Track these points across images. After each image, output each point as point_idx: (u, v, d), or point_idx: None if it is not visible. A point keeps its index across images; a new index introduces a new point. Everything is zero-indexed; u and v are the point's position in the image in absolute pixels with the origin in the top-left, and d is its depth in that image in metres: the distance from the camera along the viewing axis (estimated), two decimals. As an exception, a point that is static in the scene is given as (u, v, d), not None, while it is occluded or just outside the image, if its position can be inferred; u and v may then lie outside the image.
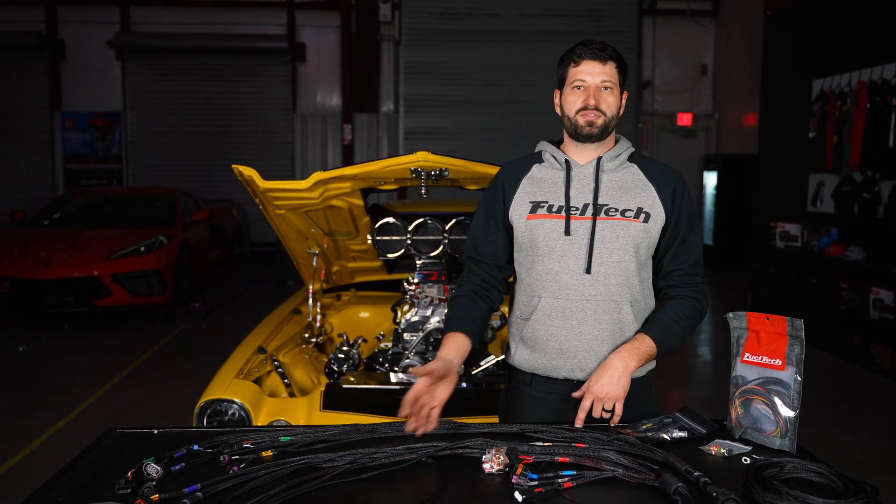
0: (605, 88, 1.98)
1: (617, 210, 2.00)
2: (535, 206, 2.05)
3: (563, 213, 2.01)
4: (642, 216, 1.99)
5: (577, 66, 1.99)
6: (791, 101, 7.91)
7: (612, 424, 1.90)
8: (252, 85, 12.69)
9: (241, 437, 1.77)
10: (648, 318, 2.05)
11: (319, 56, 12.77)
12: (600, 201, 2.01)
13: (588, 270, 1.98)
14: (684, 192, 2.05)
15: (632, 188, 2.02)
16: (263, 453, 1.72)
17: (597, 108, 1.97)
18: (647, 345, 1.95)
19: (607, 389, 1.88)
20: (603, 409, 1.89)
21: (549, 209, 2.02)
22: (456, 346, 1.99)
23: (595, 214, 1.99)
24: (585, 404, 1.89)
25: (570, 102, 2.01)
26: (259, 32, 12.52)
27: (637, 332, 1.99)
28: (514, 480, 1.54)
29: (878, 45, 6.57)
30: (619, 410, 1.90)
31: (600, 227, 1.98)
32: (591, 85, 1.98)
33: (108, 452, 1.78)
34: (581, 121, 1.99)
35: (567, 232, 1.99)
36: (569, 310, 2.00)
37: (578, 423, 1.88)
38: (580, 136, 2.02)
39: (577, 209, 2.01)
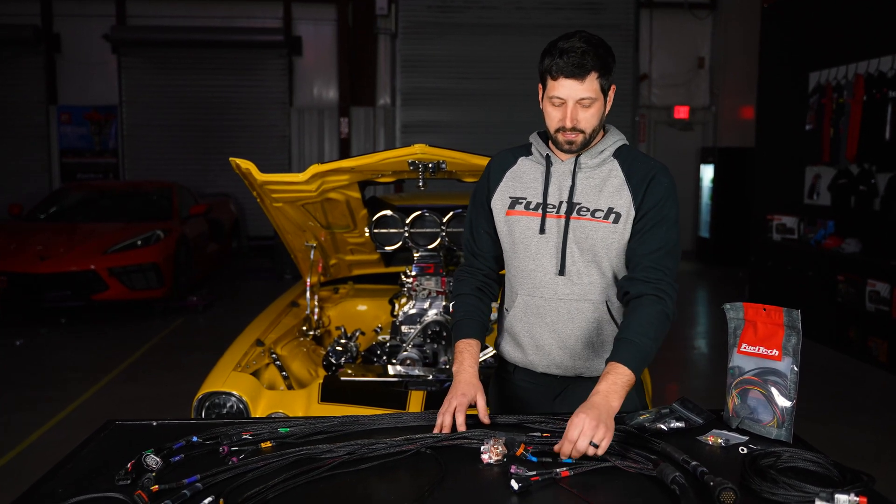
0: (585, 105, 1.88)
1: (588, 210, 1.95)
2: (514, 202, 2.03)
3: (540, 211, 1.99)
4: (612, 217, 1.93)
5: (554, 80, 1.87)
6: (788, 93, 7.91)
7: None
8: (249, 78, 12.65)
9: (241, 428, 1.78)
10: (616, 338, 1.86)
11: (316, 49, 12.73)
12: (575, 200, 1.97)
13: (561, 271, 1.97)
14: (659, 184, 1.93)
15: (607, 187, 1.95)
16: (262, 444, 1.72)
17: (574, 129, 1.90)
18: (624, 377, 1.77)
19: (590, 437, 1.64)
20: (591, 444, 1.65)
21: (527, 206, 2.01)
22: (474, 357, 2.01)
23: (568, 213, 1.96)
24: (566, 450, 1.65)
25: (549, 114, 1.93)
26: (255, 26, 12.47)
27: (608, 361, 1.81)
28: (512, 470, 1.54)
29: (874, 37, 6.57)
30: (604, 447, 1.65)
31: (572, 227, 1.95)
32: (569, 103, 1.88)
33: (108, 444, 1.78)
34: (560, 138, 1.93)
35: (542, 230, 1.98)
36: (543, 308, 2.00)
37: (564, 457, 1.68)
38: (561, 150, 1.98)
39: (553, 207, 1.98)
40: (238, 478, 1.54)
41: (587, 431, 1.63)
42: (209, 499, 1.43)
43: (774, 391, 1.77)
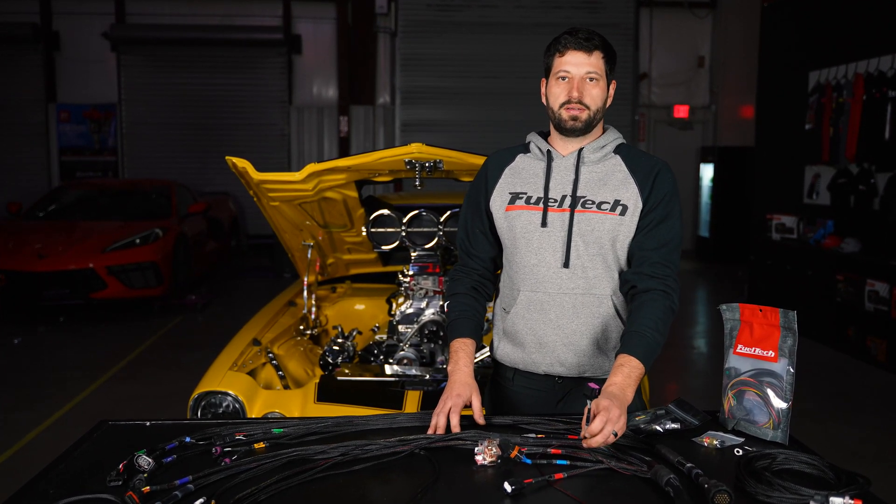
0: (591, 80, 1.94)
1: (594, 203, 1.96)
2: (514, 198, 2.03)
3: (541, 205, 1.99)
4: (619, 209, 1.94)
5: (561, 56, 1.94)
6: (788, 93, 7.90)
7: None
8: (248, 77, 12.66)
9: (234, 429, 1.77)
10: (626, 330, 1.89)
11: (316, 48, 12.73)
12: (579, 193, 1.97)
13: (566, 264, 1.96)
14: (665, 180, 1.97)
15: (611, 180, 1.97)
16: (255, 445, 1.71)
17: (580, 102, 1.93)
18: (637, 370, 1.81)
19: (615, 427, 1.66)
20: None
21: (528, 200, 2.01)
22: (470, 356, 2.00)
23: (573, 207, 1.96)
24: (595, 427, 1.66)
25: (555, 94, 1.97)
26: (255, 24, 12.47)
27: (618, 353, 1.85)
28: (512, 455, 1.57)
29: (874, 36, 6.56)
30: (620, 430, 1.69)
31: (577, 220, 1.95)
32: (576, 77, 1.93)
33: (100, 445, 1.77)
34: (565, 115, 1.95)
35: (544, 224, 1.97)
36: (547, 303, 1.99)
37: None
38: (564, 130, 1.99)
39: (555, 201, 1.98)
40: (230, 479, 1.53)
41: (614, 419, 1.64)
42: (201, 500, 1.42)
43: (770, 393, 1.76)
